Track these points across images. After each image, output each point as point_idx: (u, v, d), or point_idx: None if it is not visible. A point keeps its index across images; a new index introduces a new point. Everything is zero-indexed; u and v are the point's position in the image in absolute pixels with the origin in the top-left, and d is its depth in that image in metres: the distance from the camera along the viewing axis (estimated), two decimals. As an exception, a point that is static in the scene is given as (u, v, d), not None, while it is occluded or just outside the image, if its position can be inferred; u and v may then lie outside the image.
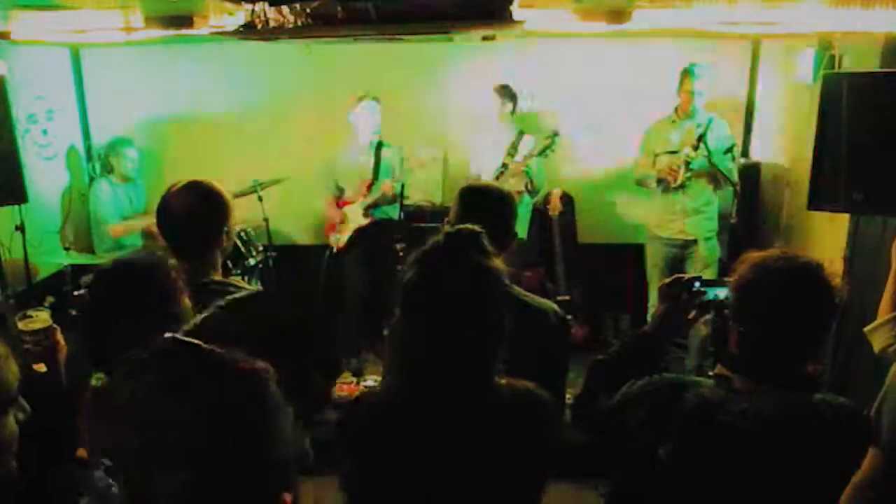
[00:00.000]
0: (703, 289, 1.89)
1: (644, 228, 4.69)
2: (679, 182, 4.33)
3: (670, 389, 1.69)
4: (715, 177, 4.30)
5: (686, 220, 4.38)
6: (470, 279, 1.46)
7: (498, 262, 1.52)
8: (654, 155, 4.44)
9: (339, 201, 4.97)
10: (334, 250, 4.96)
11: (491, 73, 5.01)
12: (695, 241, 4.38)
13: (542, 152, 4.57)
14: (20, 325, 1.94)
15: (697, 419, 1.58)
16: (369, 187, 4.86)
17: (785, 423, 1.56)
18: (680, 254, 4.46)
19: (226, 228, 2.24)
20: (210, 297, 1.66)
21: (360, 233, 4.88)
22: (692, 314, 1.91)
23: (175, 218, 2.22)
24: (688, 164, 4.27)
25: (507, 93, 4.75)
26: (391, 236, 4.75)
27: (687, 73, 4.32)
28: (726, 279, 1.76)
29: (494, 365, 1.50)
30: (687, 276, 1.95)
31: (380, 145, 4.88)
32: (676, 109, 4.43)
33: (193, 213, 2.20)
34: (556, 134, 4.59)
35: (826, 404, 1.60)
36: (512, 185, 4.44)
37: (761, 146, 5.16)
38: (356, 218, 4.88)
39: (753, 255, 1.67)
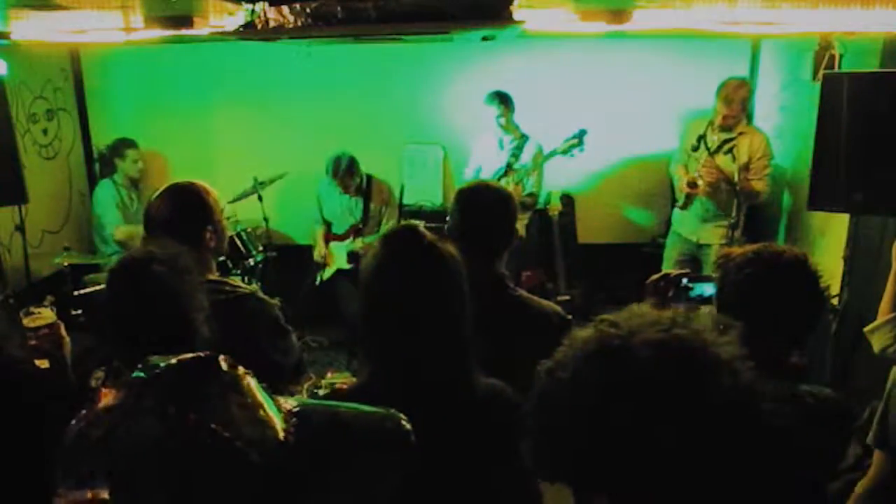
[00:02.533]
0: (690, 284, 1.90)
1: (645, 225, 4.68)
2: (680, 203, 4.31)
3: None
4: (731, 186, 4.15)
5: (700, 225, 4.37)
6: (422, 260, 1.50)
7: (450, 247, 1.54)
8: (689, 153, 4.38)
9: (328, 234, 4.98)
10: (320, 280, 4.98)
11: (491, 73, 5.01)
12: (710, 245, 4.36)
13: (566, 151, 4.49)
14: (24, 322, 1.95)
15: None
16: (357, 232, 4.85)
17: (790, 415, 1.57)
18: (696, 253, 4.44)
19: (211, 227, 2.24)
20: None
21: (343, 272, 4.89)
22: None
23: (159, 221, 2.22)
24: (690, 192, 4.19)
25: (501, 98, 4.67)
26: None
27: (720, 90, 4.14)
28: (713, 275, 1.77)
29: (466, 352, 1.51)
30: (675, 272, 1.95)
31: (369, 184, 4.87)
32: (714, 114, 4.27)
33: (175, 214, 2.20)
34: (583, 132, 4.46)
35: (811, 395, 1.63)
36: (513, 188, 4.44)
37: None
38: (340, 259, 4.88)
39: (737, 250, 1.68)
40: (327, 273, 4.93)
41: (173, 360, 0.87)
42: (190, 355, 0.88)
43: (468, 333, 1.51)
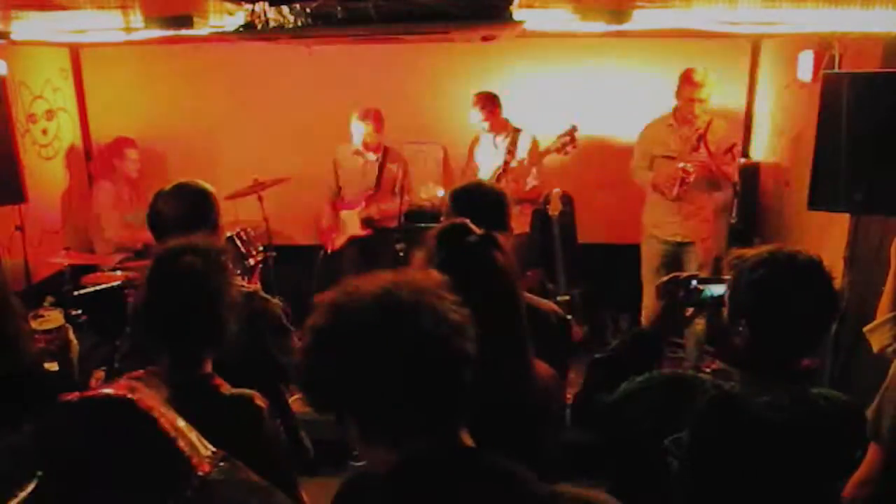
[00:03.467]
0: (699, 286, 1.89)
1: (642, 227, 4.67)
2: (673, 196, 4.29)
3: (673, 383, 1.70)
4: (713, 179, 4.23)
5: (682, 223, 4.35)
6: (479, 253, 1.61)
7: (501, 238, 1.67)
8: (652, 157, 4.39)
9: (338, 203, 4.96)
10: (328, 251, 4.95)
11: (491, 73, 5.00)
12: (691, 243, 4.36)
13: (561, 148, 4.43)
14: (33, 325, 1.95)
15: (720, 410, 1.58)
16: (369, 199, 4.83)
17: (802, 415, 1.58)
18: (676, 252, 4.42)
19: (217, 225, 2.26)
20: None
21: (356, 239, 4.87)
22: (689, 312, 1.92)
23: (165, 219, 2.23)
24: (683, 179, 4.16)
25: (482, 103, 4.62)
26: (391, 238, 4.75)
27: (686, 79, 4.18)
28: (723, 277, 1.77)
29: (525, 342, 1.65)
30: (684, 273, 1.95)
31: (385, 154, 4.85)
32: (675, 113, 4.32)
33: (182, 212, 2.22)
34: (574, 129, 4.40)
35: (823, 397, 1.63)
36: (510, 186, 4.43)
37: (761, 146, 5.16)
38: (353, 226, 4.86)
39: (749, 252, 1.67)
40: (338, 242, 4.90)
41: (94, 394, 0.90)
42: (110, 393, 0.94)
43: (525, 322, 1.63)
